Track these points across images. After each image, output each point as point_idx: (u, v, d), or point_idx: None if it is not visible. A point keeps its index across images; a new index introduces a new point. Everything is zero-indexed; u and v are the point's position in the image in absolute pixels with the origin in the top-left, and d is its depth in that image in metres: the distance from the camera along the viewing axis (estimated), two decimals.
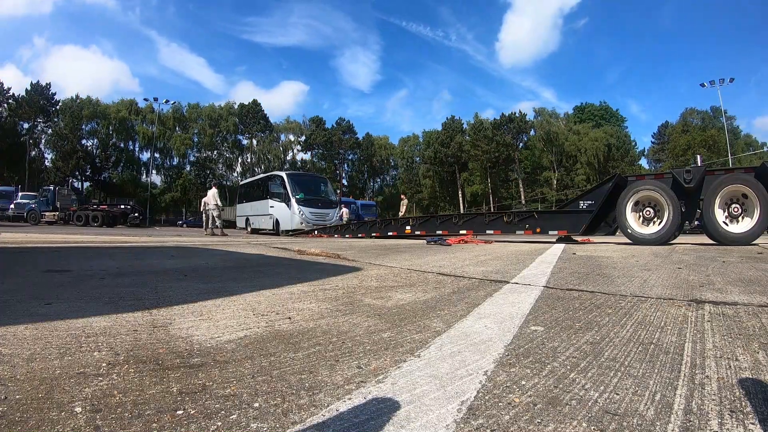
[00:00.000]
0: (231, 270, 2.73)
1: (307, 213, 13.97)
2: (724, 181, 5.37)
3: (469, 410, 0.70)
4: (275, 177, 16.06)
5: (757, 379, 0.85)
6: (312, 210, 14.22)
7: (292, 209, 14.10)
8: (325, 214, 14.61)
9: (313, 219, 13.90)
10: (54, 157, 42.61)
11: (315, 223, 13.65)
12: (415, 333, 1.20)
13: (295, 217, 13.93)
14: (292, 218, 14.00)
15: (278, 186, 15.20)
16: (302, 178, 17.30)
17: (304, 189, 14.85)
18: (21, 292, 1.74)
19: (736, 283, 2.11)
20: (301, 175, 18.60)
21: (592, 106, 52.77)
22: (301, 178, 16.51)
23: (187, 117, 50.73)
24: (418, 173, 51.97)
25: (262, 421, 0.66)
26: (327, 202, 15.47)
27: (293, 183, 14.80)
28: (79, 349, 1.00)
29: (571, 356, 0.99)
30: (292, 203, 14.13)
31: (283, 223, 14.49)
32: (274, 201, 15.20)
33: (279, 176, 15.67)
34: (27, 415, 0.66)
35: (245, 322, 1.30)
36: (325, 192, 16.29)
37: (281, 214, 14.63)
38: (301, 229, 12.99)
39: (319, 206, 14.67)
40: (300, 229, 13.06)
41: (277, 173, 16.52)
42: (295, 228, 13.52)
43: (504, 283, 2.17)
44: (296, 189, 14.57)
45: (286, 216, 14.35)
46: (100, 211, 21.34)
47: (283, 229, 14.33)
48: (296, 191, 14.46)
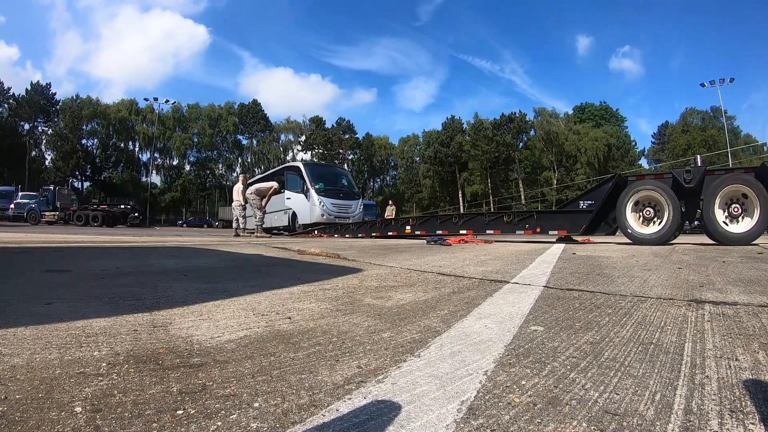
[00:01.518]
0: (231, 270, 2.73)
1: (328, 204, 12.79)
2: (724, 181, 5.37)
3: (469, 410, 0.70)
4: (292, 168, 14.67)
5: (757, 379, 0.85)
6: (333, 201, 13.05)
7: (311, 200, 12.79)
8: (347, 207, 13.44)
9: (335, 211, 12.83)
10: (54, 157, 42.66)
11: (337, 215, 12.68)
12: (415, 333, 1.20)
13: (315, 209, 12.66)
14: (312, 210, 12.75)
15: (295, 177, 13.81)
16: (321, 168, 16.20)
17: (323, 180, 13.58)
18: (21, 291, 1.74)
19: (736, 283, 2.11)
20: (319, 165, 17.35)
21: (592, 106, 52.80)
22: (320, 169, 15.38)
23: (187, 117, 50.73)
24: (418, 173, 51.97)
25: (262, 421, 0.66)
26: (349, 194, 14.22)
27: (311, 173, 13.54)
28: (79, 348, 1.00)
29: (571, 356, 0.99)
30: (311, 194, 12.82)
31: (301, 216, 13.19)
32: (290, 193, 13.77)
33: (296, 167, 14.28)
34: (27, 415, 0.66)
35: (245, 322, 1.30)
36: (345, 184, 14.91)
37: (299, 207, 13.32)
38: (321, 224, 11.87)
39: (340, 197, 13.48)
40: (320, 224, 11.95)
41: (294, 163, 15.23)
42: (315, 222, 12.39)
43: (504, 283, 2.17)
44: (315, 179, 13.28)
45: (304, 208, 13.06)
46: (100, 211, 21.35)
47: (301, 224, 13.07)
48: (315, 181, 13.18)
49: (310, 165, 14.75)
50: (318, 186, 13.07)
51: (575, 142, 45.79)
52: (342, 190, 14.19)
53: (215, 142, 50.58)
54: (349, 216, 13.16)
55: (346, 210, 13.24)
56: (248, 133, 51.72)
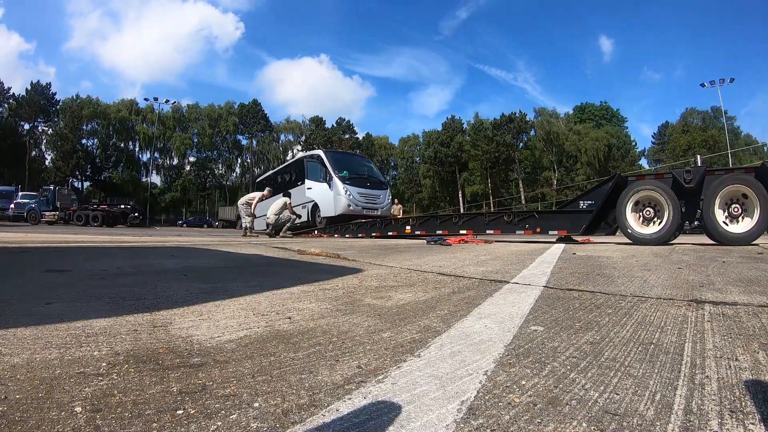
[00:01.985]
0: (231, 270, 2.73)
1: (354, 194, 11.42)
2: (724, 181, 5.37)
3: (469, 410, 0.70)
4: (312, 156, 13.24)
5: (757, 379, 0.85)
6: (360, 191, 11.63)
7: (335, 189, 11.34)
8: (375, 197, 11.93)
9: (362, 201, 11.49)
10: (54, 157, 42.67)
11: (365, 206, 11.32)
12: (415, 333, 1.20)
13: (340, 199, 11.18)
14: (336, 201, 11.24)
15: (316, 165, 12.40)
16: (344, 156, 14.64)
17: (347, 167, 12.16)
18: (21, 291, 1.74)
19: (736, 283, 2.10)
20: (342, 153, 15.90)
21: (592, 106, 52.78)
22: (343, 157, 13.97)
23: (187, 117, 50.75)
24: (418, 173, 51.96)
25: (262, 421, 0.66)
26: (376, 183, 12.72)
27: (334, 160, 12.18)
28: (79, 348, 1.00)
29: (571, 356, 0.99)
30: (335, 182, 11.41)
31: (324, 208, 11.70)
32: (311, 182, 12.35)
33: (316, 155, 12.86)
34: (27, 415, 0.66)
35: (245, 322, 1.30)
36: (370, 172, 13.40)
37: (322, 198, 11.82)
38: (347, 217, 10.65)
39: (367, 186, 12.03)
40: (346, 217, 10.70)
41: (314, 152, 13.68)
42: (340, 214, 11.05)
43: (504, 283, 2.17)
44: (338, 167, 11.87)
45: (328, 199, 11.57)
46: (100, 211, 21.35)
47: (324, 216, 11.59)
48: (339, 169, 11.75)
49: (332, 152, 13.45)
50: (342, 174, 11.61)
51: (575, 142, 45.79)
52: (368, 178, 12.65)
53: (215, 142, 50.62)
54: (377, 207, 11.77)
55: (374, 200, 11.78)
56: (248, 133, 51.74)
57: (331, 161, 12.04)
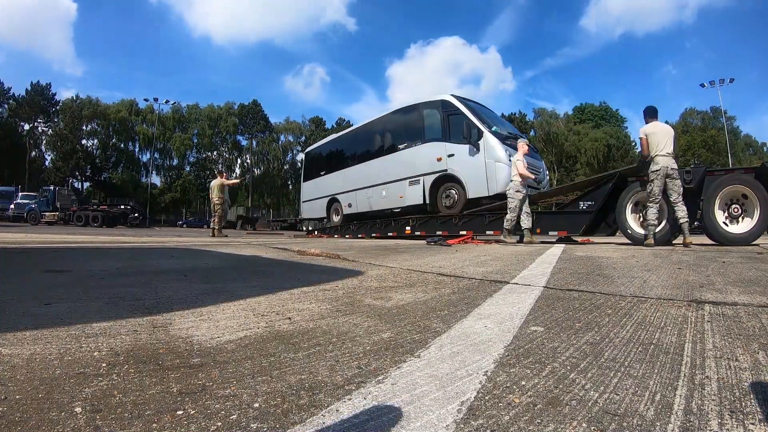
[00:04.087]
0: (231, 270, 2.73)
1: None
2: (724, 182, 5.37)
3: (469, 410, 0.70)
4: (439, 103, 8.20)
5: (757, 379, 0.85)
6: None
7: (490, 153, 7.10)
8: (538, 167, 7.90)
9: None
10: (54, 158, 42.64)
11: (529, 183, 6.57)
12: (415, 333, 1.20)
13: (501, 168, 6.95)
14: (497, 171, 7.00)
15: (452, 115, 7.86)
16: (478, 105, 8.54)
17: (493, 121, 8.04)
18: (21, 292, 1.74)
19: (736, 284, 2.10)
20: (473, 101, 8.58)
21: (591, 107, 52.75)
22: (476, 105, 8.39)
23: (187, 117, 50.76)
24: None
25: (262, 421, 0.66)
26: (533, 148, 8.46)
27: (476, 111, 7.73)
28: (79, 349, 1.00)
29: (571, 356, 0.99)
30: (488, 140, 7.16)
31: (473, 185, 7.40)
32: (452, 144, 7.73)
33: (445, 101, 8.05)
34: (27, 415, 0.66)
35: (245, 323, 1.30)
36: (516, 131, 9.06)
37: (470, 169, 7.41)
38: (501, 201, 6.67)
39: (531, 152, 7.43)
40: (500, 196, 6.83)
41: (438, 97, 8.33)
42: (496, 194, 7.03)
43: (504, 284, 2.17)
44: (485, 120, 7.59)
45: (478, 170, 7.27)
46: (100, 212, 21.36)
47: (473, 196, 7.44)
48: (487, 124, 7.48)
49: (465, 99, 8.22)
50: (494, 129, 7.40)
51: (575, 142, 45.80)
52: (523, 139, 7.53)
53: (215, 143, 50.61)
54: (541, 182, 7.93)
55: (537, 171, 7.66)
56: (248, 134, 51.74)
57: (473, 112, 7.66)
